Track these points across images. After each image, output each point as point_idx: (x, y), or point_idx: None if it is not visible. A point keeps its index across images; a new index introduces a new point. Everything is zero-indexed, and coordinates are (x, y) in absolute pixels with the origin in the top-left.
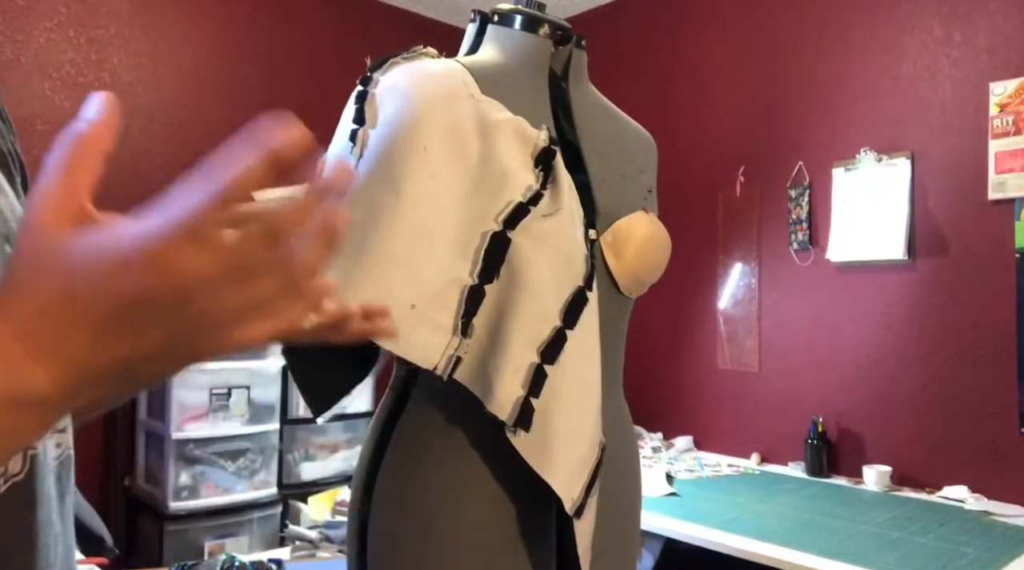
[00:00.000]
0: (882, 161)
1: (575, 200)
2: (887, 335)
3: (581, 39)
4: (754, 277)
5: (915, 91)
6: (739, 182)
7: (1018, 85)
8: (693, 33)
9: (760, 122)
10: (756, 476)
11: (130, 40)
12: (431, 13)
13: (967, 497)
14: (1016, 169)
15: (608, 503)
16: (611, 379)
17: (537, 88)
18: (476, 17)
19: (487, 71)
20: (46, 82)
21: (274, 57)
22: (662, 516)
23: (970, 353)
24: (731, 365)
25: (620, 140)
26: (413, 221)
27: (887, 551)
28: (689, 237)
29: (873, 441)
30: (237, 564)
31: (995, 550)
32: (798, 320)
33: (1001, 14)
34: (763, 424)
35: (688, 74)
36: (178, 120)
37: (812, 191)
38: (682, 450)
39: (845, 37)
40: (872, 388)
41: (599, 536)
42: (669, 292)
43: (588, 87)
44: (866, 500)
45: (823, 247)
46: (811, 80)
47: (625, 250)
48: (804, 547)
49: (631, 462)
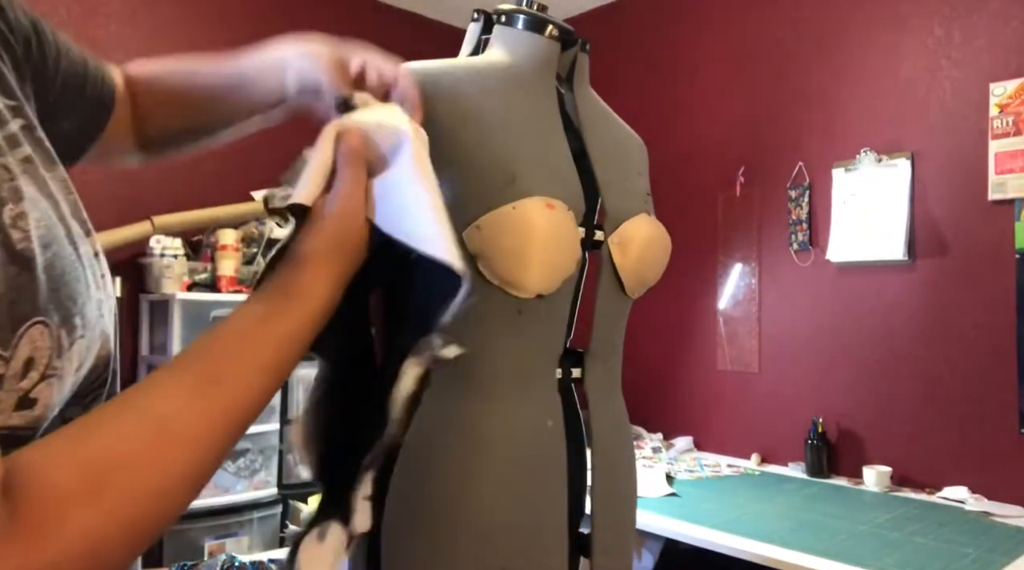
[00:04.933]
0: (882, 161)
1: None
2: (887, 335)
3: (585, 43)
4: (754, 277)
5: (915, 91)
6: (739, 182)
7: (1018, 85)
8: (693, 33)
9: (760, 122)
10: (756, 476)
11: (130, 40)
12: (431, 13)
13: (967, 498)
14: (1016, 170)
15: (606, 503)
16: (609, 379)
17: (546, 90)
18: (479, 17)
19: (497, 72)
20: None
21: None
22: (662, 516)
23: (970, 353)
24: (731, 365)
25: (620, 143)
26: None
27: (887, 552)
28: (689, 237)
29: (873, 441)
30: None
31: (995, 551)
32: (798, 320)
33: (1001, 14)
34: (763, 424)
35: (688, 74)
36: None
37: (812, 191)
38: (682, 451)
39: (845, 38)
40: (872, 388)
41: (599, 534)
42: (669, 293)
43: (590, 91)
44: (866, 501)
45: (823, 247)
46: (811, 80)
47: (629, 252)
48: (804, 548)
49: (628, 463)
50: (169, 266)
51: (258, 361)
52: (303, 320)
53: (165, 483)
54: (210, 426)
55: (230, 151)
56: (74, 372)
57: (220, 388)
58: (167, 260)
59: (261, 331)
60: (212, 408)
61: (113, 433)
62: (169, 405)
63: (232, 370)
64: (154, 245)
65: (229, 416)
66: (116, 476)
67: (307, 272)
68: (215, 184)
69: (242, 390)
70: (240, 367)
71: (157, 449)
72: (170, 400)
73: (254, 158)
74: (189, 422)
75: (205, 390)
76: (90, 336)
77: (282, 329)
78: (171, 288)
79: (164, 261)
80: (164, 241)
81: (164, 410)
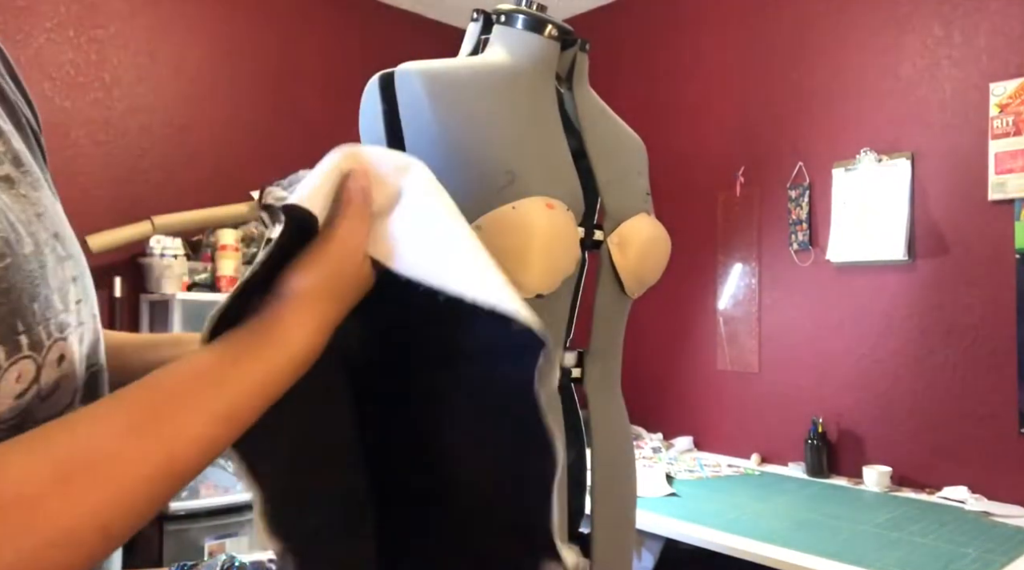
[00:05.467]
0: (882, 161)
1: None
2: (887, 335)
3: (585, 43)
4: (754, 277)
5: (915, 91)
6: (739, 182)
7: (1018, 85)
8: (693, 33)
9: (760, 122)
10: (756, 476)
11: (130, 40)
12: (431, 13)
13: (967, 498)
14: (1016, 169)
15: (606, 502)
16: (609, 379)
17: (545, 90)
18: (479, 17)
19: (496, 72)
20: (46, 82)
21: (274, 57)
22: (662, 517)
23: (970, 353)
24: (731, 365)
25: (620, 143)
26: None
27: (887, 552)
28: (689, 237)
29: (873, 441)
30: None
31: (995, 551)
32: (798, 320)
33: (1001, 14)
34: (763, 424)
35: (688, 74)
36: (178, 120)
37: (812, 191)
38: (682, 450)
39: (845, 37)
40: (872, 388)
41: (599, 534)
42: (669, 292)
43: (589, 90)
44: (866, 501)
45: (823, 247)
46: (811, 80)
47: (629, 252)
48: (804, 547)
49: (628, 463)
50: (169, 266)
51: (212, 407)
52: (275, 368)
53: (68, 528)
54: (136, 472)
55: (230, 151)
56: (14, 397)
57: (159, 431)
58: (167, 260)
59: (223, 374)
60: (143, 452)
61: (17, 468)
62: (93, 441)
63: (179, 413)
64: (154, 245)
65: (162, 465)
66: (11, 516)
67: (290, 313)
68: (215, 184)
69: (185, 437)
70: (189, 411)
71: (65, 489)
72: (96, 436)
73: (254, 158)
74: (112, 463)
75: (142, 430)
76: (41, 359)
77: (248, 375)
78: (171, 288)
79: (164, 261)
80: (164, 241)
81: (84, 446)
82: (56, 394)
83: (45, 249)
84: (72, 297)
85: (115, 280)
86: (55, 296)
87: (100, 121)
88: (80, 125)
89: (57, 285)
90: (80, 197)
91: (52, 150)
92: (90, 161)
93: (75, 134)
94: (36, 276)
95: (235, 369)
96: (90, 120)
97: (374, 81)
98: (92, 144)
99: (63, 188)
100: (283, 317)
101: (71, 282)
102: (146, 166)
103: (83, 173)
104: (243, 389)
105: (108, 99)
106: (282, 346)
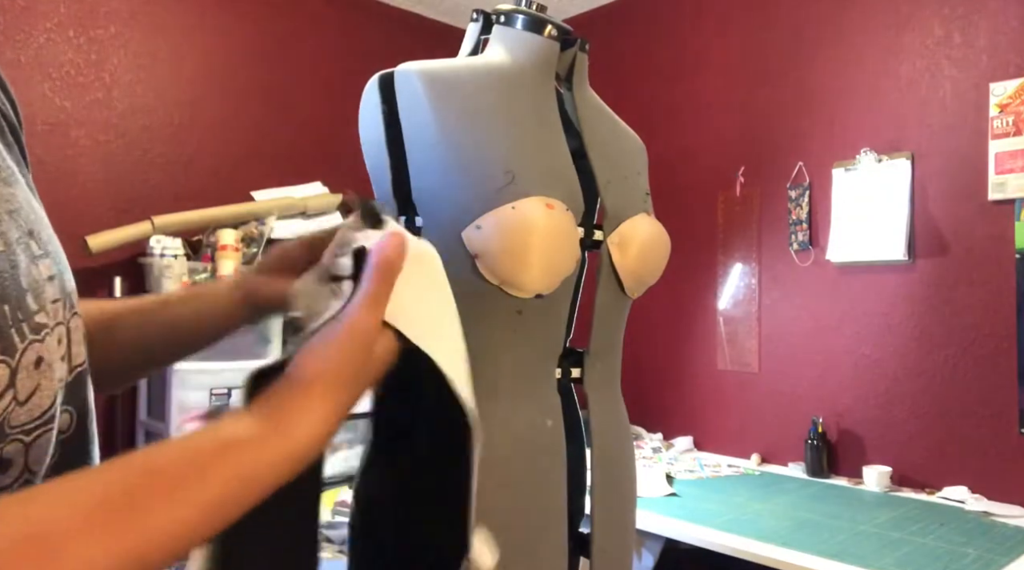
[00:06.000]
0: (882, 161)
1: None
2: (887, 335)
3: (584, 43)
4: (754, 277)
5: (915, 91)
6: (739, 182)
7: (1018, 85)
8: (693, 33)
9: (760, 122)
10: (756, 476)
11: (130, 40)
12: (431, 13)
13: (967, 498)
14: (1016, 169)
15: (606, 503)
16: (609, 379)
17: (545, 90)
18: (478, 17)
19: (496, 72)
20: (46, 82)
21: (274, 57)
22: (662, 516)
23: (970, 353)
24: (731, 365)
25: (620, 143)
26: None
27: (887, 552)
28: (689, 237)
29: (873, 441)
30: None
31: (995, 551)
32: (798, 320)
33: (1001, 14)
34: (763, 424)
35: (688, 74)
36: (178, 120)
37: (812, 191)
38: (682, 450)
39: (845, 37)
40: (872, 388)
41: (599, 533)
42: (669, 292)
43: (589, 90)
44: (866, 501)
45: (823, 247)
46: (811, 80)
47: (628, 251)
48: (804, 547)
49: (628, 462)
50: (169, 266)
51: (202, 494)
52: (278, 458)
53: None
54: (90, 553)
55: (230, 151)
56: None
57: (135, 517)
58: (167, 260)
59: (221, 458)
60: (115, 539)
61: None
62: (53, 512)
63: (162, 498)
64: (154, 245)
65: (133, 555)
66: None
67: (300, 399)
68: (215, 184)
69: (166, 526)
70: (175, 496)
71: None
72: (58, 510)
73: (254, 158)
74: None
75: (115, 514)
76: (15, 363)
77: (249, 463)
78: (171, 288)
79: (164, 261)
80: (164, 241)
81: (39, 518)
82: (34, 398)
83: (17, 248)
84: (48, 297)
85: (115, 280)
86: (28, 297)
87: (100, 121)
88: (80, 125)
89: (30, 285)
90: (80, 197)
91: (52, 150)
92: (90, 161)
93: (75, 134)
94: (6, 277)
95: (231, 456)
96: (90, 120)
97: (374, 81)
98: (92, 144)
99: (63, 188)
100: (291, 405)
101: (47, 281)
102: (146, 166)
103: (83, 173)
104: (238, 478)
105: (108, 99)
106: (284, 436)
